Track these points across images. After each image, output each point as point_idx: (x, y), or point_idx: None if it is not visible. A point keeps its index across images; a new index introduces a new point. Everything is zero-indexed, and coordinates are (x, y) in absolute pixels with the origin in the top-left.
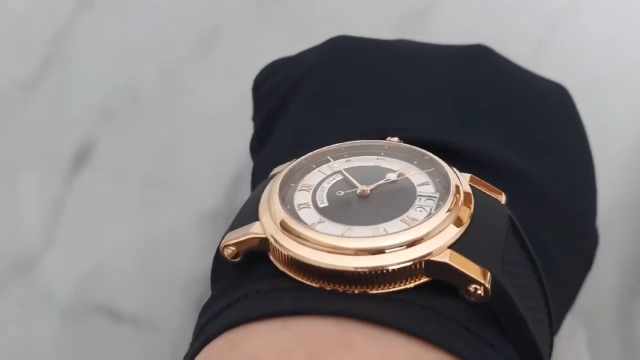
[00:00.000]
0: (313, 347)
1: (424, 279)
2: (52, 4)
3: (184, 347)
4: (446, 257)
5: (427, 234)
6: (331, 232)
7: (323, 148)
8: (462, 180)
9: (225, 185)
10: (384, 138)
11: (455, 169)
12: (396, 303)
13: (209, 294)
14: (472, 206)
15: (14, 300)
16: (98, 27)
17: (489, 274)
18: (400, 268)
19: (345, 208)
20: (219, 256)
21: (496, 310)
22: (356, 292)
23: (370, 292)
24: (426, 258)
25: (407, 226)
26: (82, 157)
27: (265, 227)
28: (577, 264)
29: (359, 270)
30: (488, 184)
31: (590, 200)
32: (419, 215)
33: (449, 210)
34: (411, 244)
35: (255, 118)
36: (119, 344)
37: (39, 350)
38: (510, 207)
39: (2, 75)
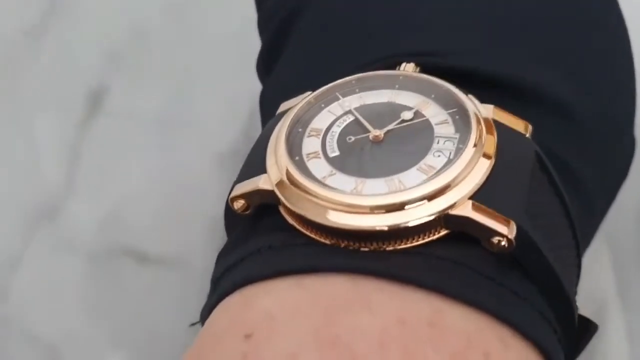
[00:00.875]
0: (329, 307)
1: (444, 231)
2: None
3: None
4: (467, 209)
5: (447, 185)
6: (343, 186)
7: (331, 84)
8: (483, 115)
9: (242, 123)
10: (399, 65)
11: (477, 103)
12: (414, 257)
13: None
14: (494, 148)
15: (40, 247)
16: None
17: (512, 223)
18: (419, 224)
19: (358, 157)
20: (229, 206)
21: (522, 258)
22: (372, 248)
23: (387, 248)
24: (446, 212)
25: (424, 176)
26: (95, 102)
27: (273, 180)
28: (610, 180)
29: (375, 228)
30: (513, 115)
31: (629, 108)
32: (437, 162)
33: (469, 158)
34: (430, 197)
35: (261, 33)
36: (147, 285)
37: (68, 296)
38: (539, 130)
39: (8, 23)
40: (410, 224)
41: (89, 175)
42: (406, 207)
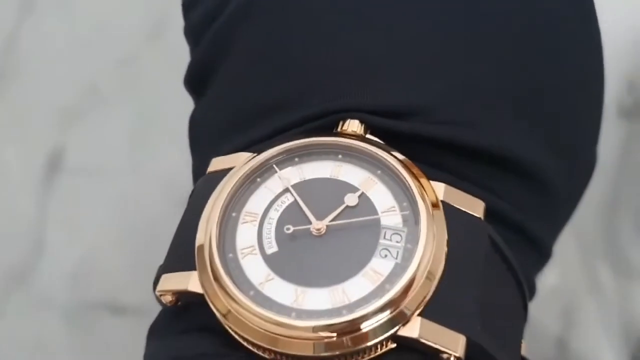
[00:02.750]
0: None
1: (392, 345)
2: None
3: None
4: (415, 330)
5: (395, 299)
6: (281, 297)
7: (267, 152)
8: (432, 206)
9: None
10: (341, 121)
11: (426, 185)
12: None
13: None
14: (445, 243)
15: (17, 307)
16: (43, 30)
17: (462, 340)
18: (367, 347)
19: (298, 255)
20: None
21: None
22: None
23: None
24: (394, 332)
25: (371, 286)
26: (54, 160)
27: (204, 285)
28: (577, 186)
29: (319, 356)
30: (465, 193)
31: (596, 120)
32: (384, 267)
33: (417, 264)
34: (378, 311)
35: (189, 44)
36: (124, 336)
37: (48, 352)
38: (505, 130)
39: None
40: (359, 347)
41: (57, 233)
42: (348, 330)
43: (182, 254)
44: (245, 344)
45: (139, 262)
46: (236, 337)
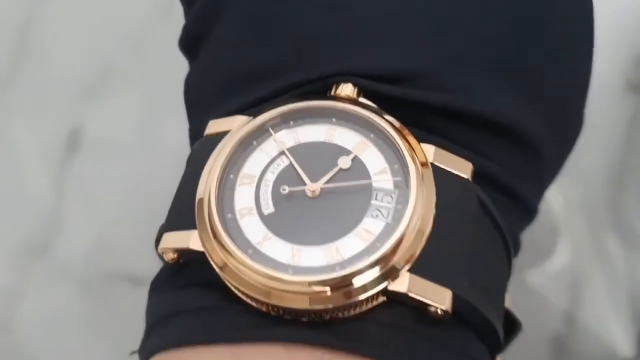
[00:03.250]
0: None
1: (383, 298)
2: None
3: None
4: (404, 285)
5: (385, 256)
6: (278, 255)
7: (263, 115)
8: (424, 165)
9: None
10: (335, 85)
11: (416, 146)
12: (353, 325)
13: None
14: (434, 203)
15: (37, 279)
16: (60, 13)
17: (449, 295)
18: (359, 300)
19: (293, 216)
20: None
21: (460, 317)
22: (310, 319)
23: (326, 317)
24: (384, 287)
25: (363, 244)
26: (73, 138)
27: (204, 243)
28: (564, 148)
29: (316, 308)
30: (454, 155)
31: (584, 85)
32: (375, 226)
33: (407, 223)
34: (369, 267)
35: (185, 7)
36: (141, 306)
37: (68, 323)
38: (498, 96)
39: None
40: (351, 301)
41: (75, 208)
42: (342, 284)
43: (182, 213)
44: (243, 297)
45: (155, 235)
46: (235, 291)
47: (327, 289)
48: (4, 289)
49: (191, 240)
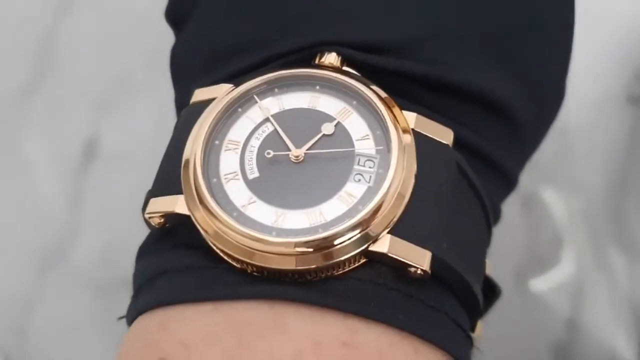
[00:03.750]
0: (243, 331)
1: (364, 259)
2: (31, 12)
3: None
4: (385, 245)
5: (366, 218)
6: (263, 217)
7: (247, 83)
8: (405, 131)
9: None
10: (319, 54)
11: (398, 113)
12: (335, 282)
13: None
14: (415, 168)
15: (53, 286)
16: (79, 27)
17: (428, 255)
18: (341, 260)
19: (278, 180)
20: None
21: (439, 277)
22: (294, 278)
23: (308, 277)
24: (365, 248)
25: (345, 207)
26: (89, 148)
27: (190, 207)
28: (545, 118)
29: (299, 268)
30: (435, 121)
31: (565, 56)
32: (357, 190)
33: (388, 187)
34: (350, 229)
35: None
36: None
37: (83, 328)
38: (478, 67)
39: (1, 84)
40: (333, 262)
41: (91, 216)
42: (325, 245)
43: (168, 179)
44: (227, 259)
45: None
46: (219, 253)
47: (310, 249)
48: (21, 295)
49: (177, 204)
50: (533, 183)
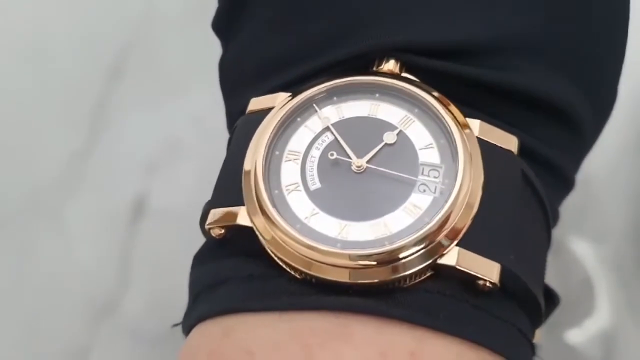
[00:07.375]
0: (309, 340)
1: (429, 273)
2: (84, 77)
3: None
4: (453, 258)
5: (432, 231)
6: (326, 229)
7: (306, 93)
8: (470, 139)
9: None
10: (378, 60)
11: (462, 121)
12: (400, 293)
13: None
14: (482, 178)
15: (106, 338)
16: (130, 92)
17: (497, 268)
18: (406, 275)
19: (340, 191)
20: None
21: (507, 289)
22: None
23: (373, 289)
24: (432, 261)
25: (411, 219)
26: (138, 206)
27: (253, 219)
28: (600, 121)
29: (355, 282)
30: (500, 129)
31: (620, 57)
32: (423, 201)
33: (455, 198)
34: (416, 242)
35: None
36: None
37: None
38: (540, 72)
39: (57, 146)
40: (398, 276)
41: (141, 271)
42: (391, 260)
43: (228, 190)
44: (288, 269)
45: None
46: (280, 263)
47: (374, 263)
48: (74, 346)
49: (239, 216)
50: (559, 232)
